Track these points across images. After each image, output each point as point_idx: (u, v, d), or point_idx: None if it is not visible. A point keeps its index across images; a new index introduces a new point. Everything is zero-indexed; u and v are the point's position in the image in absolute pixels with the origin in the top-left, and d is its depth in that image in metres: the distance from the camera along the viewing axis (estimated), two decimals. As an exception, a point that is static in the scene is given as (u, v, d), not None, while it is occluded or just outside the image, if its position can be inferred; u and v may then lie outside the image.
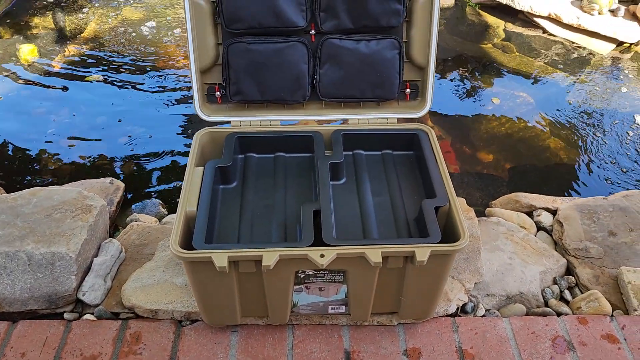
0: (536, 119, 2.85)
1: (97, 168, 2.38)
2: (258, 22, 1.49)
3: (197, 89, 1.57)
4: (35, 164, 2.40)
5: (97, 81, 2.80)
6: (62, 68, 2.99)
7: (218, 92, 1.60)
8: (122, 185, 2.02)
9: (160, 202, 2.10)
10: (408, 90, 1.65)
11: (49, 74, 2.96)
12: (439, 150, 1.53)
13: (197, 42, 1.52)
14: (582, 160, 2.61)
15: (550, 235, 1.91)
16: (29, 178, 2.32)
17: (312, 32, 1.55)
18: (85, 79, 2.73)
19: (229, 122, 1.62)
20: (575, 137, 2.74)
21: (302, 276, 1.31)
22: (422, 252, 1.22)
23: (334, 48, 1.54)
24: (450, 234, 1.34)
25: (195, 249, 1.23)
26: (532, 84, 3.10)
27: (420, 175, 1.55)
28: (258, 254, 1.20)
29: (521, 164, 2.59)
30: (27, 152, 2.47)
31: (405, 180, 1.55)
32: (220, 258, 1.19)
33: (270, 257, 1.20)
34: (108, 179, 2.01)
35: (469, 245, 1.69)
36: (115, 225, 1.94)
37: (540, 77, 3.15)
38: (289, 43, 1.52)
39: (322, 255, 1.20)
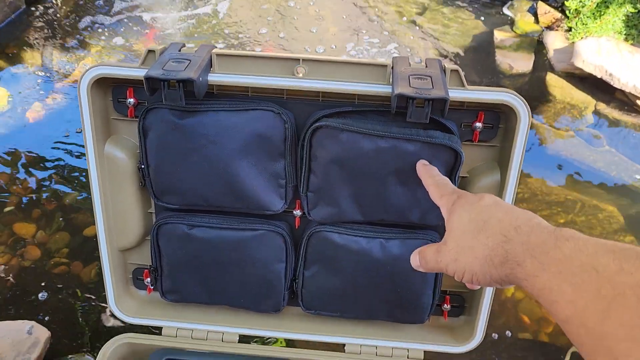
0: (623, 242, 2.15)
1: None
2: (205, 200, 0.91)
3: (111, 273, 1.00)
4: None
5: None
6: (34, 121, 2.50)
7: (148, 279, 1.03)
8: (47, 334, 1.48)
9: None
10: (447, 306, 1.03)
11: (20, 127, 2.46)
12: None
13: (112, 212, 0.96)
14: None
15: None
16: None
17: (297, 213, 0.96)
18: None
19: (159, 329, 1.05)
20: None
21: None
22: None
23: (328, 245, 0.94)
24: None
25: None
26: (623, 195, 2.39)
27: None
28: None
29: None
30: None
31: None
32: None
33: None
34: (27, 325, 1.47)
35: None
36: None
37: (636, 187, 2.43)
38: (257, 232, 0.93)
39: None
